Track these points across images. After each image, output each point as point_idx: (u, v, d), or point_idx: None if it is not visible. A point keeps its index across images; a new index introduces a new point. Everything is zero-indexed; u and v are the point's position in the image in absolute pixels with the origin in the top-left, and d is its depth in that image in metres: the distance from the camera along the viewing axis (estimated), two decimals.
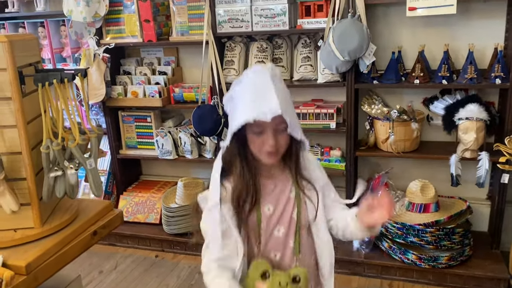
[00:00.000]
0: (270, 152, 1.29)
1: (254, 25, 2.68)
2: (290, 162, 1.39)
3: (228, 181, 1.35)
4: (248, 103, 1.24)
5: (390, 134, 2.53)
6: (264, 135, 1.26)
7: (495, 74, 2.35)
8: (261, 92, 1.24)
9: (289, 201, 1.38)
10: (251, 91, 1.26)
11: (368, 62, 2.43)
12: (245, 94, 1.26)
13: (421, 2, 2.32)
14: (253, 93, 1.25)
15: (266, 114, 1.20)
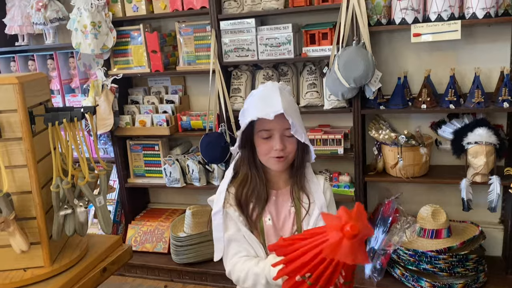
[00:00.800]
0: (277, 157, 1.35)
1: (259, 54, 2.71)
2: (294, 173, 1.43)
3: (234, 186, 1.42)
4: (255, 106, 1.35)
5: (399, 160, 2.52)
6: (271, 140, 1.34)
7: (503, 98, 2.34)
8: (268, 97, 1.34)
9: (289, 215, 1.41)
10: (259, 98, 1.37)
11: (374, 89, 2.44)
12: (253, 102, 1.38)
13: (426, 28, 2.34)
14: (260, 98, 1.37)
15: (269, 113, 1.28)
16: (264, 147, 1.37)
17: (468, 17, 2.30)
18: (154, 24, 3.06)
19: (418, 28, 2.35)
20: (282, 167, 1.39)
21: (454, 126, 2.53)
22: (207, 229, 1.41)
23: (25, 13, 3.12)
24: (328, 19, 2.65)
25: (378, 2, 2.43)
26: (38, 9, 3.02)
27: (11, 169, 1.37)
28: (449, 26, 2.30)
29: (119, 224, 3.28)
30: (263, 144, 1.37)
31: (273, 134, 1.35)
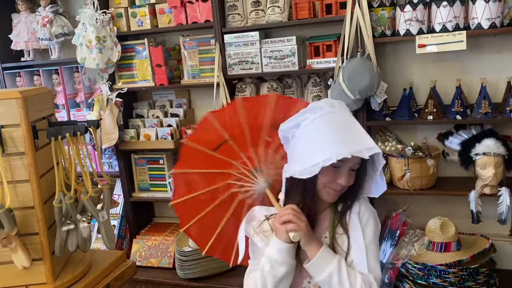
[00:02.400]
0: (337, 190, 1.23)
1: (264, 66, 2.70)
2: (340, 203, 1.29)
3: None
4: (340, 136, 1.16)
5: (406, 172, 2.48)
6: (338, 171, 1.21)
7: (510, 108, 2.32)
8: (350, 127, 1.18)
9: None
10: (338, 124, 1.18)
11: (379, 100, 2.42)
12: (330, 126, 1.18)
13: (431, 39, 2.32)
14: (341, 126, 1.18)
15: (363, 151, 1.12)
16: (329, 177, 1.22)
17: (473, 27, 2.29)
18: (158, 38, 3.07)
19: (423, 39, 2.34)
20: (335, 200, 1.28)
21: (461, 137, 2.50)
22: None
23: (31, 29, 3.15)
24: (332, 31, 2.65)
25: (382, 14, 2.42)
26: (43, 25, 3.05)
27: (13, 184, 1.37)
28: (454, 36, 2.28)
29: (124, 239, 3.25)
30: (329, 174, 1.21)
31: (343, 166, 1.20)
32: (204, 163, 1.41)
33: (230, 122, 1.40)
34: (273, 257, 1.21)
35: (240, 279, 1.40)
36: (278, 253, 1.20)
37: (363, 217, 1.27)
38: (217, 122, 1.40)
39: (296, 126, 1.24)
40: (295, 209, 1.22)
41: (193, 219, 1.43)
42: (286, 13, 2.60)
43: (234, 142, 1.40)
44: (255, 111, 1.39)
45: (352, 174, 1.22)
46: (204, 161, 1.41)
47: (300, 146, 1.24)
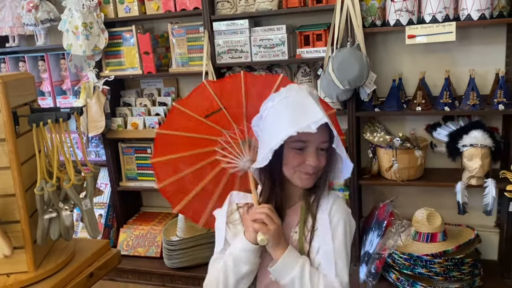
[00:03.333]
0: (308, 173, 1.18)
1: (253, 55, 2.68)
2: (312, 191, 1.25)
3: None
4: (288, 117, 1.14)
5: (394, 162, 2.49)
6: (305, 153, 1.17)
7: (498, 100, 2.32)
8: (301, 106, 1.15)
9: (289, 241, 1.24)
10: (290, 106, 1.16)
11: (368, 91, 2.41)
12: (283, 110, 1.16)
13: (420, 30, 2.31)
14: (293, 107, 1.15)
15: (311, 125, 1.08)
16: (296, 160, 1.18)
17: (463, 18, 2.28)
18: (146, 25, 3.03)
19: (413, 29, 2.33)
20: (311, 184, 1.22)
21: (449, 128, 2.50)
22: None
23: (16, 14, 3.08)
24: (322, 20, 2.63)
25: (373, 4, 2.41)
26: (29, 10, 2.98)
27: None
28: (443, 27, 2.28)
29: (111, 228, 3.23)
30: (295, 156, 1.18)
31: (308, 147, 1.17)
32: (192, 128, 1.40)
33: (227, 93, 1.39)
34: (238, 255, 1.19)
35: None
36: (243, 252, 1.19)
37: (333, 218, 1.22)
38: (213, 90, 1.40)
39: (260, 118, 1.24)
40: (270, 210, 1.19)
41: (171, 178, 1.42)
42: (276, 1, 2.57)
43: (228, 112, 1.39)
44: (257, 87, 1.37)
45: (322, 154, 1.19)
46: (192, 126, 1.40)
47: (261, 136, 1.24)
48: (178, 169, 1.41)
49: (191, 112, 1.41)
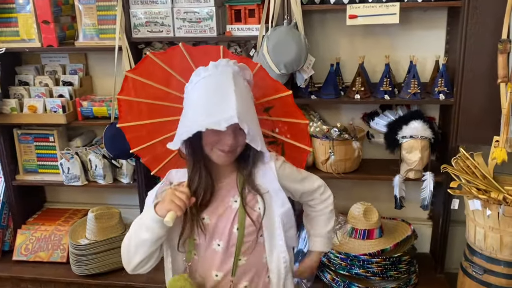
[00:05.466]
0: (224, 151, 1.19)
1: (176, 30, 2.32)
2: (242, 165, 1.27)
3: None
4: (202, 106, 1.13)
5: (330, 154, 2.29)
6: (222, 131, 1.13)
7: (439, 89, 2.20)
8: (219, 94, 1.14)
9: (229, 211, 1.25)
10: (209, 90, 1.15)
11: (306, 76, 2.17)
12: (202, 93, 1.16)
13: (362, 9, 2.10)
14: (212, 92, 1.15)
15: (221, 122, 1.08)
16: (212, 137, 1.18)
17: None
18: None
19: (354, 9, 2.12)
20: (229, 162, 1.24)
21: (387, 118, 2.36)
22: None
23: None
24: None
25: None
26: None
27: None
28: (387, 8, 2.09)
29: (6, 230, 2.74)
30: (213, 135, 1.17)
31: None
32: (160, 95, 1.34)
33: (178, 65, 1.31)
34: (143, 220, 1.20)
35: (143, 275, 1.40)
36: (148, 219, 1.17)
37: (270, 164, 1.27)
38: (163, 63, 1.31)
39: (186, 89, 1.23)
40: (186, 194, 1.18)
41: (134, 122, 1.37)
42: None
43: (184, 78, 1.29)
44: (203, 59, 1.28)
45: (241, 133, 1.16)
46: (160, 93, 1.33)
47: (184, 109, 1.23)
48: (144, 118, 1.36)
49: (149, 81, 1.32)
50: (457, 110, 2.17)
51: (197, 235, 1.25)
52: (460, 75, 2.13)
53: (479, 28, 2.05)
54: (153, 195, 1.25)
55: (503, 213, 1.79)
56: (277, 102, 1.32)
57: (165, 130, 1.35)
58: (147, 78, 1.31)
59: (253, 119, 1.17)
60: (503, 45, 1.95)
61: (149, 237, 1.17)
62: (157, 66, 1.29)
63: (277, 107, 1.32)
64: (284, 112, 1.33)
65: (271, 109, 1.33)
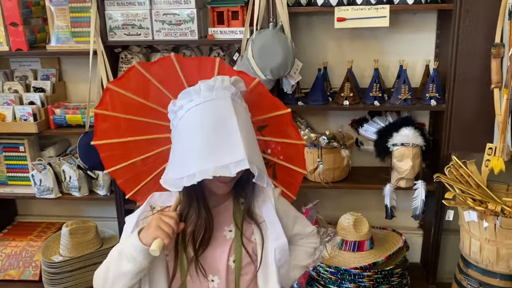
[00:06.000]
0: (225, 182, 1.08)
1: (155, 33, 2.19)
2: (239, 191, 1.15)
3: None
4: (203, 145, 0.99)
5: (319, 164, 2.20)
6: None
7: (430, 95, 2.13)
8: (221, 129, 1.00)
9: (223, 242, 1.14)
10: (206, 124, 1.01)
11: (293, 82, 2.07)
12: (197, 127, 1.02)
13: (351, 12, 2.01)
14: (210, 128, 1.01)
15: (230, 168, 0.96)
16: None
17: (397, 1, 2.02)
18: None
19: (343, 11, 2.02)
20: (227, 191, 1.12)
21: (377, 124, 2.27)
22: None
23: None
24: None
25: None
26: None
27: None
28: (377, 11, 2.00)
29: None
30: None
31: None
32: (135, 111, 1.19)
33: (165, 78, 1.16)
34: (125, 248, 1.06)
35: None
36: (131, 247, 1.04)
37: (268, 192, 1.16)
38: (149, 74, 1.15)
39: (174, 113, 1.08)
40: (174, 219, 1.05)
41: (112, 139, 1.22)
42: None
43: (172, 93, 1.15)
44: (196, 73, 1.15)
45: None
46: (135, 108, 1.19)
47: (174, 145, 1.09)
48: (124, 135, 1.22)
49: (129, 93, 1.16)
50: (449, 117, 2.10)
51: (189, 272, 1.12)
52: (452, 80, 2.06)
53: (471, 31, 1.98)
54: (133, 222, 1.12)
55: (500, 224, 1.71)
56: (272, 120, 1.19)
57: (147, 149, 1.21)
58: (131, 92, 1.15)
59: (258, 152, 1.05)
60: (496, 50, 1.88)
61: (131, 269, 1.04)
62: (143, 78, 1.15)
63: (272, 126, 1.20)
64: (280, 132, 1.20)
65: (265, 128, 1.20)
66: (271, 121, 1.18)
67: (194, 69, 1.13)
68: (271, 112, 1.17)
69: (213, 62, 1.12)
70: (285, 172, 1.27)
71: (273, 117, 1.18)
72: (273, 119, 1.18)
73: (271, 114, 1.17)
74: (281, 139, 1.21)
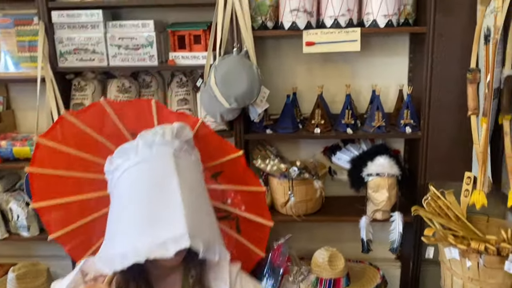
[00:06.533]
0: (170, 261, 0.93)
1: (110, 58, 2.03)
2: (190, 262, 1.00)
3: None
4: (138, 217, 0.85)
5: (290, 196, 2.05)
6: None
7: (405, 122, 2.02)
8: (159, 196, 0.85)
9: None
10: (142, 191, 0.87)
11: (260, 110, 1.93)
12: (133, 194, 0.88)
13: (320, 36, 1.90)
14: (146, 195, 0.87)
15: (168, 246, 0.81)
16: None
17: (368, 24, 1.92)
18: None
19: (312, 35, 1.91)
20: (178, 262, 0.98)
21: (350, 153, 2.15)
22: None
23: None
24: (201, 17, 2.08)
25: (263, 0, 1.93)
26: None
27: None
28: (347, 34, 1.89)
29: None
30: None
31: None
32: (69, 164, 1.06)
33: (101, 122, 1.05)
34: None
35: None
36: None
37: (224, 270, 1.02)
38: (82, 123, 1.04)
39: (111, 174, 0.95)
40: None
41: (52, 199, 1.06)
42: None
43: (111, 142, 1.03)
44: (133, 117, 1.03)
45: None
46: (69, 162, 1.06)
47: (110, 212, 0.94)
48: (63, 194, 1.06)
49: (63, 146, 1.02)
50: (425, 145, 1.99)
51: None
52: (427, 106, 1.96)
53: (445, 56, 1.89)
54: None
55: (484, 263, 1.59)
56: (226, 165, 1.05)
57: (91, 208, 1.06)
58: (65, 144, 1.01)
59: (208, 217, 0.91)
60: (472, 75, 1.79)
61: None
62: (76, 129, 1.01)
63: (227, 172, 1.05)
64: (236, 178, 1.07)
65: (220, 175, 1.05)
66: (225, 166, 1.04)
67: (131, 113, 0.98)
68: (223, 157, 1.03)
69: (149, 106, 0.99)
70: (250, 224, 1.12)
71: (226, 162, 1.03)
72: (226, 164, 1.04)
73: (223, 159, 1.03)
74: (239, 186, 1.07)
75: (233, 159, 1.04)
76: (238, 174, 1.06)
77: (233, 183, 1.07)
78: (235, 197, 1.09)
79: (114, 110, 1.00)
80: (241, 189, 1.07)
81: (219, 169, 1.05)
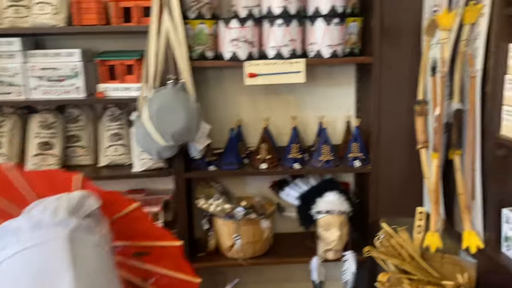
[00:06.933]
0: None
1: (31, 90, 1.81)
2: None
3: None
4: None
5: (236, 239, 1.89)
6: None
7: (353, 155, 1.93)
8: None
9: None
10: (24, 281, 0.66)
11: (200, 147, 1.77)
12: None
13: (263, 67, 1.78)
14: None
15: None
16: None
17: (312, 55, 1.83)
18: None
19: (253, 66, 1.79)
20: None
21: (299, 188, 2.03)
22: None
23: None
24: (134, 46, 1.91)
25: (202, 29, 1.79)
26: None
27: None
28: (291, 65, 1.79)
29: None
30: None
31: None
32: None
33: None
34: None
35: None
36: None
37: None
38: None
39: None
40: None
41: None
42: (64, 15, 1.76)
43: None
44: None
45: None
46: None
47: None
48: None
49: None
50: (375, 179, 1.91)
51: None
52: (376, 139, 1.89)
53: (393, 87, 1.83)
54: None
55: None
56: (156, 250, 0.90)
57: None
58: None
59: None
60: (420, 107, 1.73)
61: None
62: None
63: (156, 255, 0.89)
64: (168, 263, 0.91)
65: (146, 255, 0.89)
66: (154, 250, 0.87)
67: (45, 184, 0.79)
68: (156, 241, 0.86)
69: (68, 179, 0.81)
70: None
71: (158, 247, 0.87)
72: (157, 249, 0.87)
73: (156, 243, 0.86)
74: (171, 272, 0.90)
75: (168, 247, 0.88)
76: (170, 260, 0.89)
77: (160, 267, 0.90)
78: (161, 279, 0.92)
79: (26, 179, 0.81)
80: (174, 275, 0.91)
81: (146, 250, 0.88)
